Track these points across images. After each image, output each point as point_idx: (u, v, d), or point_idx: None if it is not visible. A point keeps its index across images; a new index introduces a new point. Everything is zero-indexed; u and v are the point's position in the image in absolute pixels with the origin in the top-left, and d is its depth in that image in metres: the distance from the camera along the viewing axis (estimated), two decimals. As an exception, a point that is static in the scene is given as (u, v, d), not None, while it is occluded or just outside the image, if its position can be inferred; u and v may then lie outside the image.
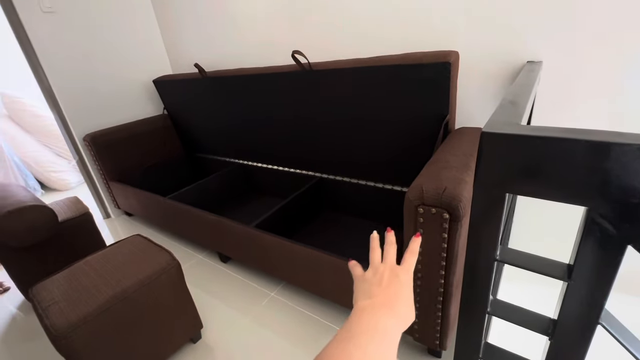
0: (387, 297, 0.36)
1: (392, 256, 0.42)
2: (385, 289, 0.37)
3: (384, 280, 0.38)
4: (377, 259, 0.42)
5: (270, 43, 1.71)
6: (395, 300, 0.36)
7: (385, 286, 0.38)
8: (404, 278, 0.39)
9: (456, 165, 0.84)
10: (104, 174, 2.07)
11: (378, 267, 0.40)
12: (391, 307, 0.35)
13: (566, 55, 1.02)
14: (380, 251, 0.44)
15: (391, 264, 0.41)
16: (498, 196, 0.47)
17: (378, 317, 0.34)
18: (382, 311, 0.35)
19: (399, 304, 0.36)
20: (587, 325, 0.47)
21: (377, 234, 0.46)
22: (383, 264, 0.41)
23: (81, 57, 1.95)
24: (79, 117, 2.00)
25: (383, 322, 0.34)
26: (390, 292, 0.37)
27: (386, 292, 0.37)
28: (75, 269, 1.05)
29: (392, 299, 0.36)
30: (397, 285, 0.38)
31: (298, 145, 1.69)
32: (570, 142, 0.39)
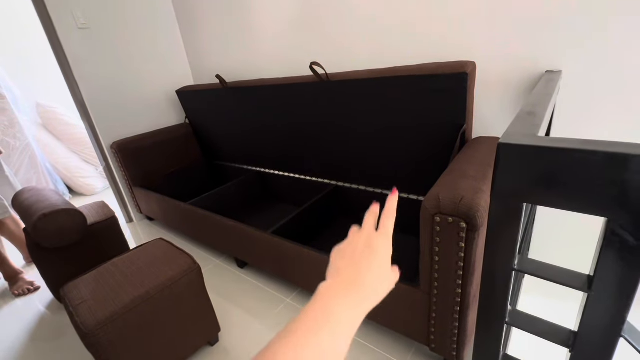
0: (354, 272, 0.33)
1: (369, 224, 0.38)
2: (356, 262, 0.34)
3: (357, 251, 0.35)
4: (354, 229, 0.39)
5: (289, 54, 1.76)
6: (364, 275, 0.33)
7: (357, 259, 0.34)
8: (378, 243, 0.35)
9: (473, 175, 0.85)
10: (129, 180, 2.16)
11: (353, 237, 0.37)
12: (357, 285, 0.32)
13: (586, 65, 1.01)
14: (375, 217, 0.40)
15: (368, 231, 0.37)
16: (515, 206, 0.47)
17: (333, 305, 0.30)
18: (341, 295, 0.31)
19: (368, 279, 0.33)
20: (609, 337, 0.46)
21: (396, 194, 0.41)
22: (359, 232, 0.37)
23: (111, 70, 2.07)
24: (108, 126, 2.11)
25: (338, 311, 0.30)
26: (361, 266, 0.33)
27: (355, 266, 0.33)
28: (102, 270, 1.10)
29: (360, 275, 0.33)
30: (370, 257, 0.34)
31: (314, 154, 1.72)
32: (587, 154, 0.40)
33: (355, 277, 0.33)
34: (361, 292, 0.32)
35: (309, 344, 0.27)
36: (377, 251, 0.35)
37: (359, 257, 0.34)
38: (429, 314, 0.91)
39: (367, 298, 0.32)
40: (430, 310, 0.90)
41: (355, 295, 0.31)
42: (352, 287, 0.32)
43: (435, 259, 0.81)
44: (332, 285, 0.32)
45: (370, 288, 0.33)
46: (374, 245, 0.35)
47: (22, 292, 1.69)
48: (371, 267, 0.34)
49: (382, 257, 0.35)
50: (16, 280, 1.71)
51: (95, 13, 1.94)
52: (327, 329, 0.28)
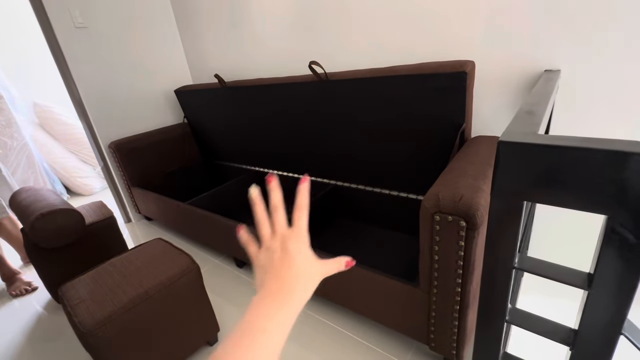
0: (276, 283, 0.33)
1: (280, 224, 0.37)
2: (277, 272, 0.34)
3: (275, 259, 0.35)
4: (266, 231, 0.38)
5: (288, 54, 1.76)
6: (288, 283, 0.33)
7: (276, 268, 0.34)
8: (293, 246, 0.35)
9: (473, 174, 0.85)
10: (127, 180, 2.16)
11: (269, 244, 0.36)
12: (281, 294, 0.32)
13: (585, 64, 1.01)
14: (267, 218, 0.38)
15: (282, 234, 0.37)
16: (515, 204, 0.47)
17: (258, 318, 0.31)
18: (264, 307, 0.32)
19: (290, 285, 0.33)
20: (609, 335, 0.46)
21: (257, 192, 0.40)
22: (273, 237, 0.37)
23: (109, 69, 2.06)
24: (105, 125, 2.10)
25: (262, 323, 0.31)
26: (282, 274, 0.34)
27: (276, 276, 0.33)
28: (100, 270, 1.10)
29: (284, 283, 0.33)
30: (288, 262, 0.34)
31: (313, 153, 1.72)
32: (587, 152, 0.40)
33: (278, 286, 0.33)
34: (286, 298, 0.32)
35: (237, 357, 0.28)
36: (293, 255, 0.35)
37: (278, 266, 0.34)
38: (428, 312, 0.91)
39: (292, 302, 0.33)
40: (430, 309, 0.90)
41: (279, 303, 0.32)
42: (276, 297, 0.32)
43: (435, 258, 0.81)
44: (257, 299, 0.33)
45: (293, 293, 0.33)
46: (290, 249, 0.35)
47: (19, 293, 1.68)
48: (291, 272, 0.34)
49: (300, 259, 0.35)
50: (13, 280, 1.70)
51: (93, 12, 1.94)
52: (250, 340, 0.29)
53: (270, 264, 0.35)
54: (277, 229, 0.37)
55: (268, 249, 0.36)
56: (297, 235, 0.37)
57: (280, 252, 0.35)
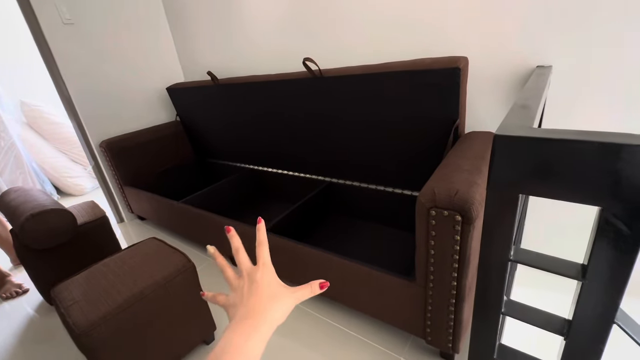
0: (249, 309, 0.37)
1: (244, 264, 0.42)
2: (247, 300, 0.38)
3: (245, 292, 0.39)
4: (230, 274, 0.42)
5: (281, 50, 1.75)
6: (258, 309, 0.37)
7: (246, 297, 0.38)
8: (259, 276, 0.39)
9: (467, 168, 0.85)
10: (119, 179, 2.13)
11: (236, 283, 0.41)
12: (255, 319, 0.36)
13: (576, 60, 1.03)
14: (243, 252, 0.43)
15: (247, 271, 0.41)
16: (511, 197, 0.48)
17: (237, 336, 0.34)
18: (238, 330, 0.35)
19: (263, 310, 0.37)
20: (603, 324, 0.47)
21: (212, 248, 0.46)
22: (239, 277, 0.41)
23: (98, 67, 2.03)
24: (96, 124, 2.06)
25: (243, 342, 0.34)
26: (251, 302, 0.37)
27: (247, 303, 0.37)
28: (93, 271, 1.08)
29: (255, 309, 0.37)
30: (257, 291, 0.38)
31: (308, 150, 1.72)
32: (581, 144, 0.40)
33: (249, 313, 0.36)
34: (258, 322, 0.36)
35: None
36: (261, 283, 0.39)
37: (247, 296, 0.38)
38: (424, 307, 0.92)
39: (264, 325, 0.36)
40: (426, 304, 0.91)
41: (251, 327, 0.35)
42: (247, 322, 0.36)
43: (431, 253, 0.82)
44: (230, 326, 0.36)
45: (265, 316, 0.36)
46: (257, 279, 0.39)
47: (10, 295, 1.64)
48: (260, 299, 0.38)
49: (267, 286, 0.39)
50: (3, 283, 1.67)
51: (80, 8, 1.89)
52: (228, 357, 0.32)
53: (240, 298, 0.38)
54: (242, 268, 0.42)
55: (236, 288, 0.40)
56: (263, 268, 0.41)
57: (248, 284, 0.39)
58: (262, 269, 0.40)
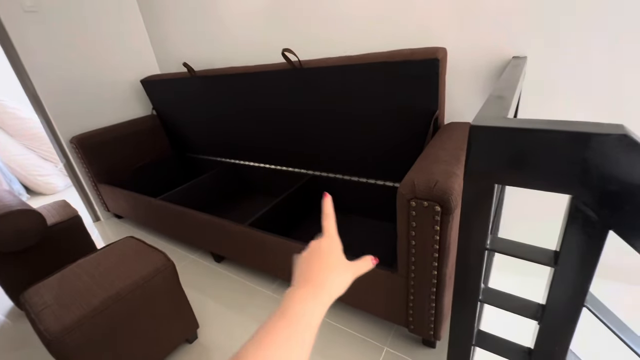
0: (308, 274, 0.37)
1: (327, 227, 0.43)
2: (309, 266, 0.38)
3: (313, 257, 0.39)
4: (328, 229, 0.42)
5: (260, 41, 1.70)
6: (318, 278, 0.37)
7: (309, 263, 0.39)
8: (323, 246, 0.40)
9: (447, 159, 0.86)
10: (92, 177, 2.04)
11: (309, 245, 0.41)
12: (314, 286, 0.36)
13: (550, 51, 1.05)
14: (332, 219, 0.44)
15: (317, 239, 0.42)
16: (487, 187, 0.49)
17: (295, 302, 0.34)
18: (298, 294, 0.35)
19: (321, 277, 0.37)
20: (574, 308, 0.49)
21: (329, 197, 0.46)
22: (314, 242, 0.42)
23: (66, 58, 1.91)
24: (65, 119, 1.96)
25: (299, 306, 0.34)
26: (312, 267, 0.38)
27: (308, 269, 0.38)
28: (67, 273, 1.03)
29: (315, 277, 0.37)
30: (319, 258, 0.39)
31: (289, 143, 1.70)
32: (553, 134, 0.41)
33: (308, 277, 0.37)
34: (316, 288, 0.36)
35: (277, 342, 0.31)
36: (323, 252, 0.40)
37: (310, 261, 0.39)
38: (407, 297, 0.93)
39: (323, 293, 0.36)
40: (408, 293, 0.92)
41: (311, 293, 0.35)
42: (307, 286, 0.36)
43: (412, 243, 0.83)
44: (290, 290, 0.36)
45: (324, 285, 0.36)
46: (321, 248, 0.40)
47: (-23, 302, 1.56)
48: (321, 268, 0.38)
49: (330, 256, 0.40)
50: (-31, 289, 1.58)
51: (43, -6, 1.78)
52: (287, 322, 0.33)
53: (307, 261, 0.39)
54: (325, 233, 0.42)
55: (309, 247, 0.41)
56: (329, 239, 0.42)
57: (317, 250, 0.40)
58: (328, 240, 0.41)
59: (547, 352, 0.56)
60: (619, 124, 0.39)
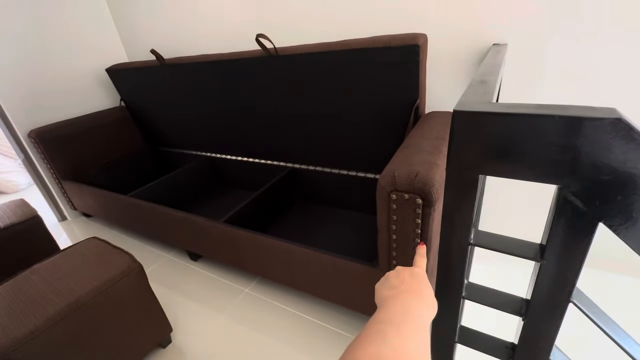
0: (410, 286, 0.39)
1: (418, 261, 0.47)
2: (407, 281, 0.40)
3: (406, 276, 0.41)
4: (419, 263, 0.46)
5: (234, 26, 1.61)
6: (418, 287, 0.39)
7: (407, 279, 0.40)
8: (419, 273, 0.43)
9: (427, 149, 0.83)
10: (55, 173, 1.89)
11: (395, 270, 0.44)
12: (417, 293, 0.38)
13: (530, 38, 1.03)
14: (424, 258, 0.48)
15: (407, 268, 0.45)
16: (471, 178, 0.45)
17: (406, 301, 0.36)
18: (409, 296, 0.37)
19: (423, 290, 0.39)
20: (559, 304, 0.47)
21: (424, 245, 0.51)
22: (403, 267, 0.44)
23: (21, 46, 1.75)
24: (22, 111, 1.80)
25: (411, 305, 0.35)
26: (412, 282, 0.40)
27: (408, 282, 0.40)
28: (19, 280, 0.94)
29: (415, 287, 0.39)
30: (417, 278, 0.41)
31: (267, 135, 1.63)
32: (542, 118, 0.37)
33: (411, 288, 0.38)
34: (421, 297, 0.37)
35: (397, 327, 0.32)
36: (422, 276, 0.42)
37: (409, 279, 0.40)
38: (388, 291, 0.90)
39: (428, 304, 0.37)
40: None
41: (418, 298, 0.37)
42: (413, 294, 0.37)
43: (393, 237, 0.80)
44: (396, 292, 0.38)
45: (428, 298, 0.38)
46: (417, 273, 0.42)
47: None
48: (422, 285, 0.40)
49: (427, 282, 0.41)
50: None
51: (-12, -27, 1.60)
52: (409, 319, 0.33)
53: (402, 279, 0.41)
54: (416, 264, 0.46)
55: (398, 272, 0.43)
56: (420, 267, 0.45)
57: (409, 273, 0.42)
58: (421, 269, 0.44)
59: (531, 349, 0.54)
60: (611, 108, 0.35)
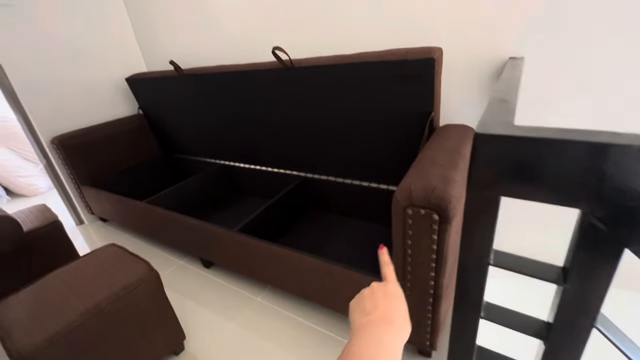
0: (383, 312, 0.37)
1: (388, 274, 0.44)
2: (380, 305, 0.38)
3: (379, 297, 0.39)
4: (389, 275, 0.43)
5: (250, 39, 1.65)
6: (390, 314, 0.37)
7: (380, 302, 0.39)
8: (393, 291, 0.41)
9: (443, 164, 0.83)
10: (75, 179, 1.95)
11: (367, 290, 0.42)
12: (389, 322, 0.36)
13: (548, 52, 1.02)
14: (391, 267, 0.44)
15: (378, 284, 0.43)
16: (492, 199, 0.45)
17: (379, 332, 0.35)
18: (381, 326, 0.36)
19: (396, 317, 0.37)
20: (583, 329, 0.46)
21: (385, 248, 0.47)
22: (370, 287, 0.42)
23: (46, 55, 1.83)
24: (46, 118, 1.87)
25: (383, 336, 0.35)
26: (385, 307, 0.38)
27: (381, 308, 0.38)
28: (42, 284, 0.97)
29: (387, 314, 0.37)
30: (391, 300, 0.39)
31: (281, 144, 1.65)
32: (567, 144, 0.37)
33: (384, 315, 0.37)
34: (393, 326, 0.36)
35: None
36: (396, 296, 0.40)
37: (382, 301, 0.38)
38: (402, 306, 0.90)
39: (399, 333, 0.36)
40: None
41: (390, 327, 0.36)
42: (385, 324, 0.36)
43: (408, 252, 0.79)
44: (368, 320, 0.36)
45: (399, 325, 0.37)
46: (391, 292, 0.40)
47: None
48: (392, 309, 0.38)
49: (401, 301, 0.40)
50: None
51: (20, -12, 1.69)
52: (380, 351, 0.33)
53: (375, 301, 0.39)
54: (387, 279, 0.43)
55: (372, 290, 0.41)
56: (392, 283, 0.42)
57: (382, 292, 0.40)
58: (394, 285, 0.41)
59: (552, 373, 0.52)
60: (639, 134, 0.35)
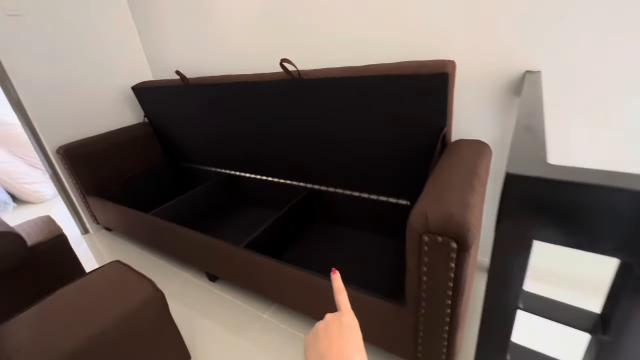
0: (339, 350, 0.36)
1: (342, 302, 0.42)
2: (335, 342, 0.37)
3: (334, 333, 0.38)
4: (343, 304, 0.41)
5: (257, 49, 1.62)
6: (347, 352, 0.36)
7: (335, 339, 0.37)
8: (348, 322, 0.39)
9: (459, 185, 0.79)
10: (81, 188, 1.94)
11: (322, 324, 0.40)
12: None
13: (566, 66, 0.98)
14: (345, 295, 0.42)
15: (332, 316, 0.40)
16: (523, 244, 0.41)
17: None
18: None
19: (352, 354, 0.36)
20: (623, 384, 0.42)
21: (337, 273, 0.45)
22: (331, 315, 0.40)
23: (53, 64, 1.82)
24: (52, 127, 1.86)
25: None
26: (340, 344, 0.37)
27: (336, 345, 0.36)
28: (45, 305, 0.95)
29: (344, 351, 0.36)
30: (347, 335, 0.38)
31: (288, 156, 1.62)
32: (611, 191, 0.34)
33: (341, 354, 0.35)
34: None
35: None
36: (351, 329, 0.38)
37: (336, 339, 0.37)
38: (415, 332, 0.86)
39: None
40: (417, 329, 0.85)
41: None
42: None
43: (423, 279, 0.76)
44: None
45: None
46: (346, 325, 0.38)
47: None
48: (351, 343, 0.37)
49: (355, 333, 0.38)
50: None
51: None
52: None
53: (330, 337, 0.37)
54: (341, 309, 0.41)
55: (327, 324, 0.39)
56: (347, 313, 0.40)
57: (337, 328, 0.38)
58: (348, 316, 0.40)
59: None
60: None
